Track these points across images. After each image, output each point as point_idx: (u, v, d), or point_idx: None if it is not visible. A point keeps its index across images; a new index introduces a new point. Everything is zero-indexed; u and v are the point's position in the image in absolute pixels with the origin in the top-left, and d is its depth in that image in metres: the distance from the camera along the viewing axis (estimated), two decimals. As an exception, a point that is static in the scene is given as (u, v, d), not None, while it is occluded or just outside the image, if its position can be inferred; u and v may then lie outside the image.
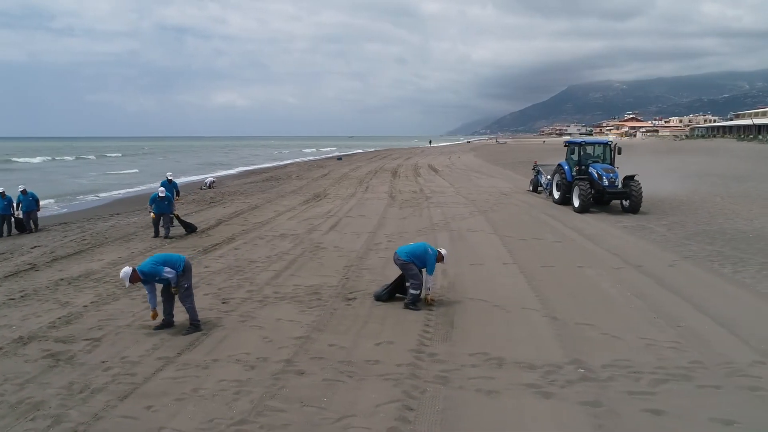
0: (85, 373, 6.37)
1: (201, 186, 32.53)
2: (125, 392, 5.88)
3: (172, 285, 7.46)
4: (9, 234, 15.47)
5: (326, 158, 71.48)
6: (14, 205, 16.02)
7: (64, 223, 19.39)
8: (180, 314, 7.93)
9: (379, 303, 9.04)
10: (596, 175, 19.46)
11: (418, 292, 8.80)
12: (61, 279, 10.80)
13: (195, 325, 7.67)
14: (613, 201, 19.94)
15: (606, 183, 19.10)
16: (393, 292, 9.17)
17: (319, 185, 31.32)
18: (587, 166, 20.26)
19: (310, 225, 16.84)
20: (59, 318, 8.28)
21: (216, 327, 7.90)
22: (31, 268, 12.04)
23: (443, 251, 9.29)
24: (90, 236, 15.71)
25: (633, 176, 19.08)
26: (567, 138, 24.93)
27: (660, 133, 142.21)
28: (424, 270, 8.86)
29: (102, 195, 32.04)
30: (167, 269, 7.29)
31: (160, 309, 7.82)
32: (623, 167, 20.92)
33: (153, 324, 7.68)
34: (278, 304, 8.97)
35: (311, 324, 7.98)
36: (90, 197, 31.00)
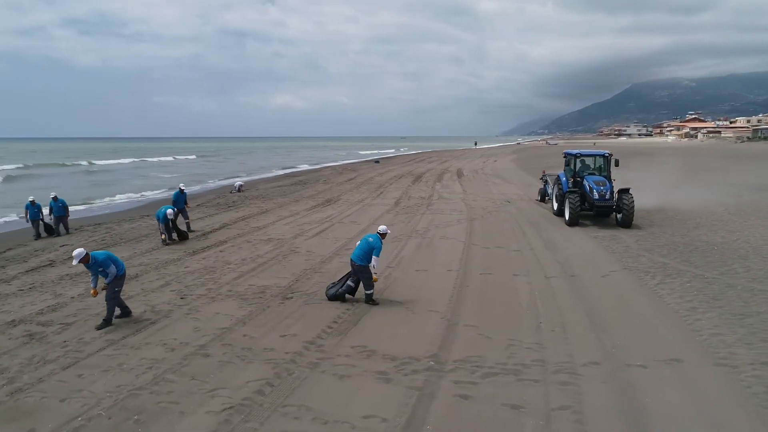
0: (47, 349, 8.27)
1: (231, 190, 34.96)
2: (68, 364, 7.72)
3: (106, 281, 9.07)
4: (39, 237, 17.91)
5: (364, 161, 73.36)
6: (44, 211, 18.47)
7: (98, 224, 21.98)
8: (140, 305, 9.78)
9: (309, 303, 10.58)
10: (588, 187, 19.29)
11: (371, 291, 10.27)
12: (66, 274, 12.96)
13: (107, 320, 9.06)
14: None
15: (596, 196, 18.86)
16: (344, 294, 10.53)
17: (338, 190, 33.09)
18: (582, 178, 20.01)
19: (300, 230, 18.55)
20: (48, 306, 10.31)
21: (165, 318, 9.69)
22: (48, 265, 14.35)
23: (381, 228, 10.71)
24: (110, 236, 18.08)
25: (627, 189, 18.83)
26: (597, 143, 24.21)
27: (723, 135, 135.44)
28: (373, 255, 10.17)
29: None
30: (113, 267, 9.07)
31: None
32: (657, 176, 21.15)
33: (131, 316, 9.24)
34: (225, 300, 10.69)
35: (240, 318, 9.63)
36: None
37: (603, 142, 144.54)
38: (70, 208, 20.15)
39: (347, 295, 10.60)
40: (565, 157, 22.68)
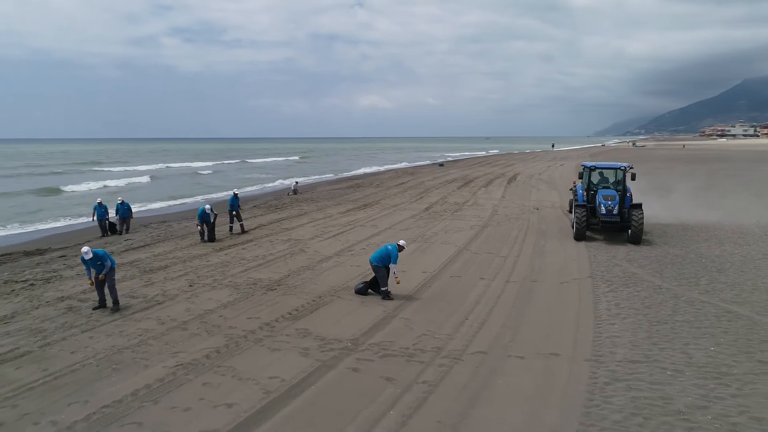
0: (77, 318, 11.09)
1: (288, 192, 38.18)
2: (87, 329, 10.45)
3: (102, 273, 11.47)
4: (105, 234, 21.40)
5: (429, 164, 74.95)
6: (109, 212, 21.98)
7: (163, 222, 25.61)
8: (156, 289, 12.49)
9: (287, 294, 12.81)
10: (597, 201, 18.99)
11: (386, 288, 12.31)
12: (121, 263, 16.08)
13: (116, 302, 11.39)
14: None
15: (603, 211, 18.57)
16: (367, 289, 12.63)
17: (383, 194, 35.24)
18: (596, 192, 19.65)
19: (321, 232, 20.90)
20: (90, 287, 13.30)
21: (169, 300, 12.32)
22: (112, 254, 17.55)
23: (401, 242, 12.82)
24: (162, 233, 21.41)
25: (639, 205, 18.41)
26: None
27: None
28: (388, 267, 12.28)
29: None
30: (108, 261, 11.60)
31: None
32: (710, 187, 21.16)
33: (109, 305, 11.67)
34: (222, 289, 13.18)
35: (224, 303, 12.04)
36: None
37: (693, 144, 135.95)
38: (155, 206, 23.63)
39: (369, 290, 12.65)
40: (583, 168, 22.85)
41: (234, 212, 21.03)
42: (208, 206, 19.44)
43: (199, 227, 19.25)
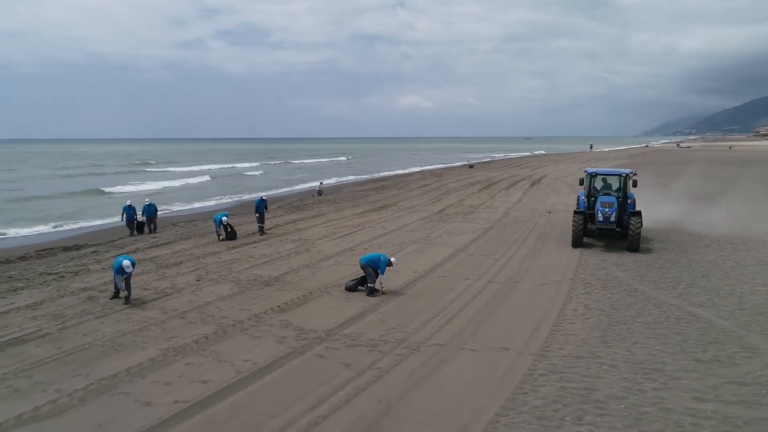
0: (94, 306, 12.63)
1: (313, 193, 39.71)
2: (101, 315, 11.95)
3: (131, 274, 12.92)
4: (132, 234, 23.10)
5: (459, 165, 75.39)
6: (137, 213, 23.64)
7: (191, 221, 27.44)
8: (167, 282, 13.99)
9: (281, 289, 14.05)
10: (596, 208, 18.92)
11: (373, 285, 13.49)
12: (141, 259, 17.75)
13: (127, 298, 12.79)
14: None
15: (600, 218, 18.54)
16: (357, 286, 13.79)
17: (403, 196, 36.27)
18: (596, 198, 19.49)
19: (330, 232, 22.13)
20: (111, 280, 14.92)
21: (176, 293, 13.76)
22: (137, 250, 19.41)
23: (393, 259, 13.96)
24: (187, 232, 23.13)
25: (637, 213, 18.37)
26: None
27: None
28: (378, 271, 13.43)
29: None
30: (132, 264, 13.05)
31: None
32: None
33: (122, 296, 13.07)
34: (224, 284, 14.54)
35: (223, 296, 13.38)
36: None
37: (743, 145, 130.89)
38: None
39: (359, 287, 13.78)
40: (586, 175, 22.19)
41: (258, 214, 22.35)
42: (225, 218, 20.79)
43: (219, 227, 20.74)
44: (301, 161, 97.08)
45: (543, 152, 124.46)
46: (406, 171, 68.64)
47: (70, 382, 8.71)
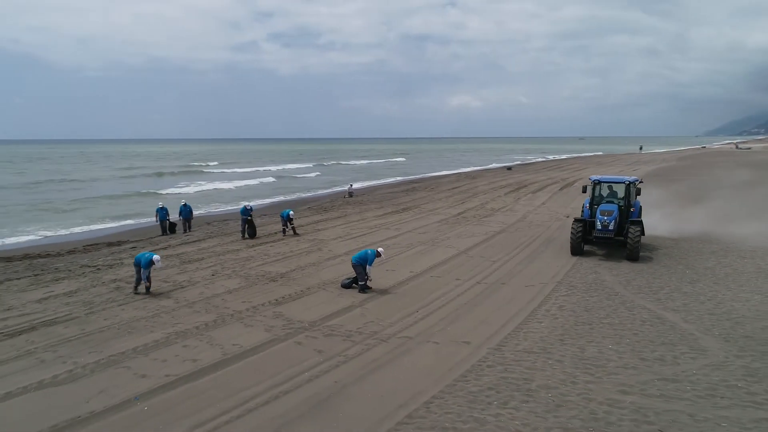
0: (119, 295, 14.44)
1: (344, 195, 41.29)
2: (122, 303, 13.73)
3: (154, 266, 14.69)
4: (164, 233, 25.00)
5: (497, 167, 75.35)
6: (169, 214, 25.55)
7: (224, 220, 29.52)
8: (186, 276, 15.74)
9: (284, 284, 15.50)
10: (596, 216, 18.85)
11: (364, 282, 14.75)
12: (168, 255, 19.69)
13: (148, 288, 14.47)
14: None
15: (598, 226, 18.50)
16: (351, 283, 15.02)
17: (429, 198, 37.30)
18: (599, 206, 19.32)
19: (346, 233, 23.50)
20: (166, 283, 16.76)
21: (191, 285, 15.43)
22: (168, 247, 21.43)
23: (380, 249, 15.15)
24: (216, 231, 25.07)
25: (637, 221, 18.50)
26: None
27: None
28: (367, 265, 14.66)
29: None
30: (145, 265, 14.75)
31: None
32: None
33: (141, 290, 14.80)
34: (234, 279, 16.13)
35: (230, 289, 14.95)
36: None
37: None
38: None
39: (353, 285, 14.96)
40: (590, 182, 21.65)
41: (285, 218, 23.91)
42: (249, 204, 22.67)
43: (240, 228, 22.53)
44: (355, 162, 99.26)
45: (593, 153, 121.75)
46: (445, 173, 69.34)
47: (85, 357, 10.40)
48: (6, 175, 68.88)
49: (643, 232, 18.72)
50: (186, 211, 25.37)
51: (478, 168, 77.88)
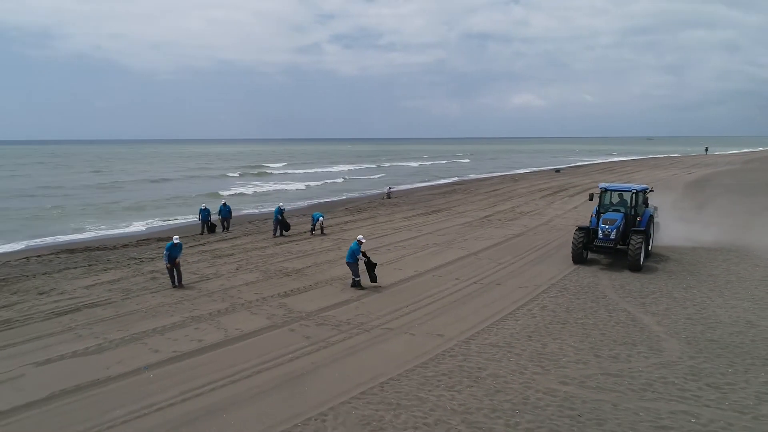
0: (152, 284, 16.56)
1: (383, 196, 42.80)
2: (154, 290, 15.81)
3: (178, 258, 16.74)
4: (203, 233, 27.04)
5: (544, 170, 74.53)
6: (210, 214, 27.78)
7: (265, 219, 31.74)
8: (213, 269, 17.77)
9: (297, 279, 17.18)
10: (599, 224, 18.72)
11: (358, 278, 16.17)
12: (203, 251, 21.87)
13: (180, 281, 16.58)
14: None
15: (600, 235, 18.48)
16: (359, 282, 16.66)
17: (464, 201, 38.18)
18: (605, 214, 19.29)
19: (369, 233, 24.95)
20: (195, 275, 18.91)
21: (216, 278, 17.38)
22: (206, 243, 23.69)
23: (360, 237, 16.59)
24: (253, 229, 27.22)
25: (640, 231, 18.09)
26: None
27: None
28: (358, 257, 16.01)
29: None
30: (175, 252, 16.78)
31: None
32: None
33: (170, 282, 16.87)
34: (255, 273, 17.96)
35: (248, 282, 16.77)
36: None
37: None
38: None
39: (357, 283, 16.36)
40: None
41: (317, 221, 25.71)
42: (282, 205, 24.65)
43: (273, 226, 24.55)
44: (412, 163, 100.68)
45: (654, 156, 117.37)
46: (494, 174, 69.50)
47: (113, 334, 12.41)
48: (87, 174, 75.13)
49: (647, 242, 18.51)
50: (225, 211, 27.55)
51: (528, 170, 77.35)
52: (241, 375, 10.30)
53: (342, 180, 63.78)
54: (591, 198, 20.59)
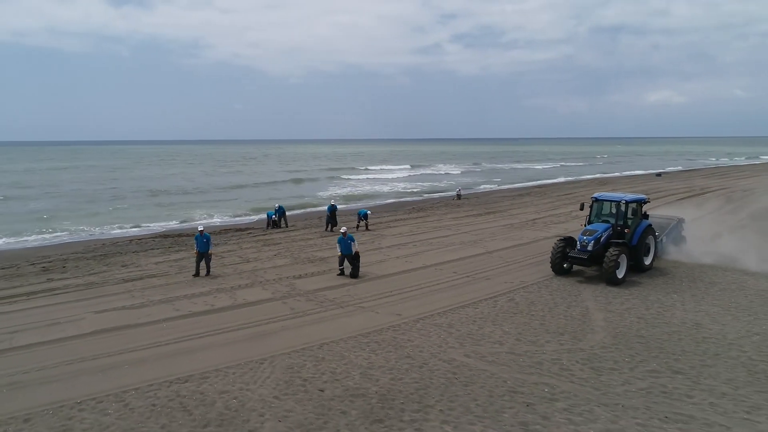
0: (179, 273, 20.56)
1: (453, 197, 44.75)
2: (179, 281, 19.85)
3: (210, 250, 20.48)
4: (267, 228, 30.75)
5: (643, 174, 70.70)
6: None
7: (320, 216, 35.29)
8: (257, 256, 21.52)
9: (318, 265, 20.26)
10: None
11: (341, 268, 19.32)
12: (258, 239, 25.80)
13: (208, 271, 20.28)
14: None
15: (578, 246, 18.18)
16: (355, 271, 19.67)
17: (528, 203, 39.02)
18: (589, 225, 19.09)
19: (409, 231, 27.38)
20: (239, 258, 22.91)
21: (253, 261, 21.04)
22: (266, 234, 27.70)
23: (343, 229, 19.28)
24: (309, 224, 30.91)
25: (618, 243, 17.70)
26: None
27: None
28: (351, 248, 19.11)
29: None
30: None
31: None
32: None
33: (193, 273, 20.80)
34: (287, 258, 21.30)
35: (277, 266, 20.14)
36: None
37: None
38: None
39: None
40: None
41: (362, 219, 28.78)
42: (335, 203, 28.01)
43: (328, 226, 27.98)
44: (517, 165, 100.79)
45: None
46: (586, 177, 67.78)
47: (155, 296, 16.35)
48: (225, 176, 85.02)
49: (640, 256, 18.28)
50: (281, 211, 31.62)
51: (628, 173, 73.96)
52: (224, 330, 13.53)
53: (444, 183, 65.66)
54: (582, 208, 19.82)
